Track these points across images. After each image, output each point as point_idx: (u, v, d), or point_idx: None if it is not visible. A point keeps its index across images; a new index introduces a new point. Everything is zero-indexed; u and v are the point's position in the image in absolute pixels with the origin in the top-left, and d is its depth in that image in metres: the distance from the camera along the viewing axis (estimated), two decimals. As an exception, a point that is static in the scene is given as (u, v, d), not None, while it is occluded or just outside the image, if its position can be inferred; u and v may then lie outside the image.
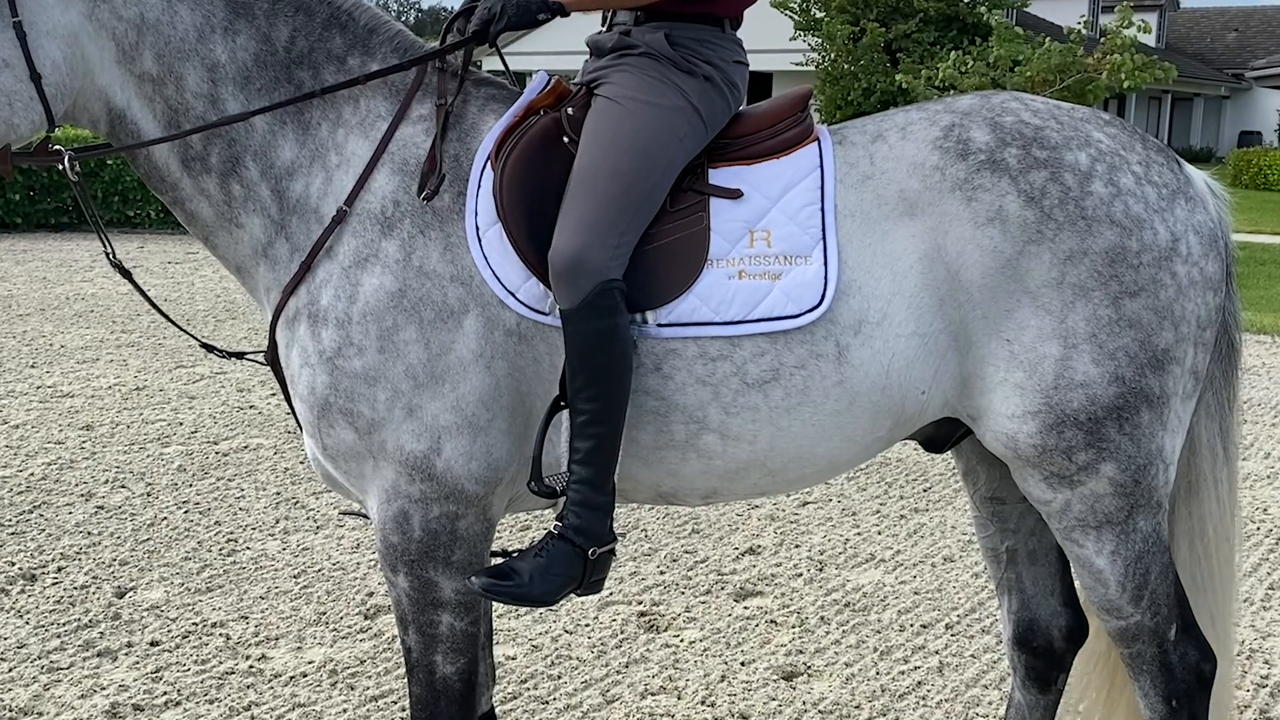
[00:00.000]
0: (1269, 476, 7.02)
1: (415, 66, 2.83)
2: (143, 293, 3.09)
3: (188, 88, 2.79)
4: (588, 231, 2.63)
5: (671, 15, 2.82)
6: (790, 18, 19.57)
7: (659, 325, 2.68)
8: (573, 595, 2.75)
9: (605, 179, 2.68)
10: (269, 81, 2.81)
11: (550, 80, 2.88)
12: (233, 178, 2.82)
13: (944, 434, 2.98)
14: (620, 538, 2.70)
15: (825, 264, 2.67)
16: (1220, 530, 2.97)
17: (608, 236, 2.62)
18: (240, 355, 3.23)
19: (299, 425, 2.85)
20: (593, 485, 2.65)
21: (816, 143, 2.80)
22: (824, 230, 2.69)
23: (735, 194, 2.74)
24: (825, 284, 2.66)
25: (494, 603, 2.93)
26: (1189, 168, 2.85)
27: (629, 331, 2.63)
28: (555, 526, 2.69)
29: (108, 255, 3.04)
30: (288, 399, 2.85)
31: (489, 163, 2.73)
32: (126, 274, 3.00)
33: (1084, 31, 17.70)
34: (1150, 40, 36.69)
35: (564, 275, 2.59)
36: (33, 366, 9.10)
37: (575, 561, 2.66)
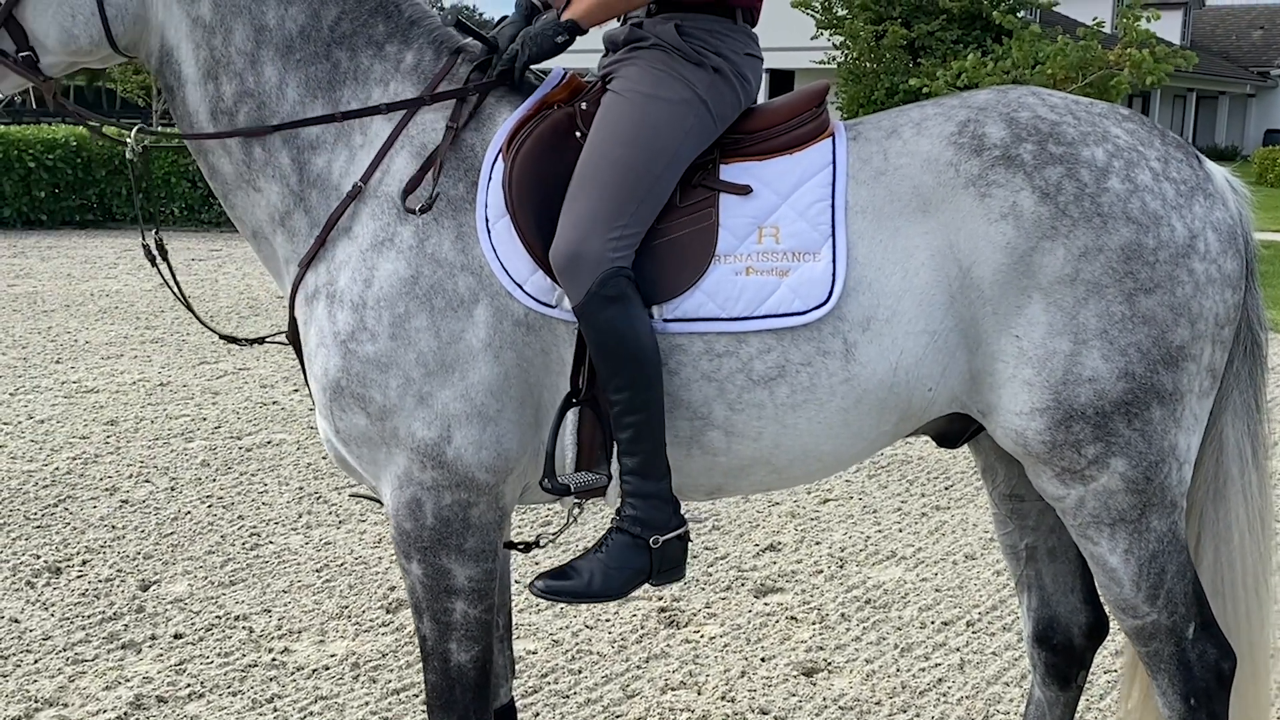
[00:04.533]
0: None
1: (435, 101, 2.83)
2: (173, 274, 3.08)
3: (233, 42, 2.82)
4: (586, 225, 2.64)
5: (683, 5, 2.83)
6: (812, 16, 19.55)
7: (665, 320, 2.68)
8: (648, 586, 2.77)
9: (606, 172, 2.69)
10: (308, 55, 2.84)
11: (566, 75, 2.89)
12: (255, 140, 2.84)
13: (956, 429, 2.98)
14: (693, 523, 2.70)
15: (834, 261, 2.66)
16: (1249, 532, 2.95)
17: (608, 229, 2.63)
18: (261, 340, 3.26)
19: (316, 408, 2.87)
20: (641, 475, 2.65)
21: (831, 139, 2.79)
22: (834, 227, 2.68)
23: (745, 190, 2.74)
24: (833, 281, 2.65)
25: (512, 596, 2.93)
26: (1209, 164, 2.83)
27: (644, 318, 2.63)
28: (614, 520, 2.71)
29: (145, 245, 3.07)
30: (306, 378, 2.87)
31: (500, 154, 2.74)
32: (162, 254, 3.00)
33: (1102, 29, 17.67)
34: (1175, 38, 36.55)
35: (565, 271, 2.62)
36: (58, 362, 9.16)
37: (638, 553, 2.67)
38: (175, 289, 3.10)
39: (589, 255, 2.60)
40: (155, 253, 2.97)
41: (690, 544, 2.75)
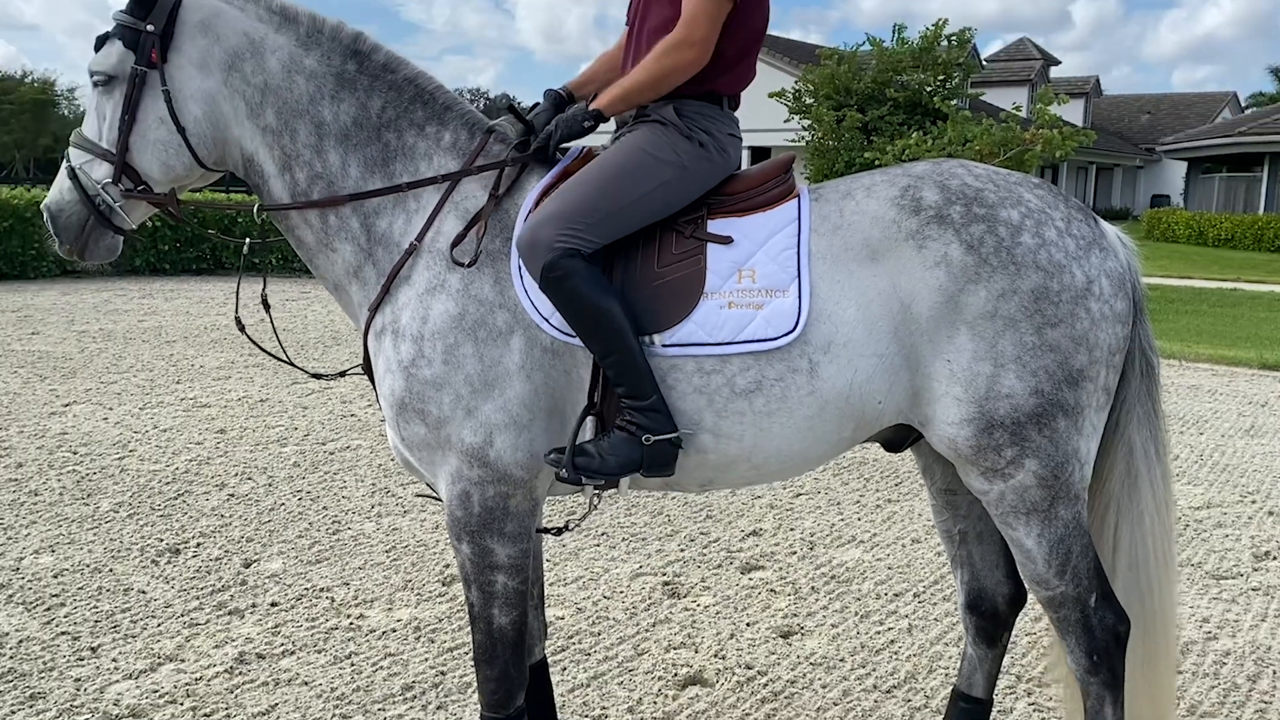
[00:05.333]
0: (1178, 474, 6.96)
1: (466, 176, 2.85)
2: (273, 326, 3.12)
3: (299, 139, 2.84)
4: (545, 218, 2.65)
5: (681, 94, 2.82)
6: (784, 104, 19.59)
7: (664, 346, 2.68)
8: (639, 476, 2.72)
9: (579, 188, 2.71)
10: (363, 140, 2.85)
11: (583, 150, 2.90)
12: (330, 212, 2.86)
13: (900, 437, 2.96)
14: (683, 434, 2.66)
15: (800, 297, 2.66)
16: (1156, 516, 2.92)
17: (562, 225, 2.63)
18: (342, 374, 3.26)
19: (386, 421, 2.86)
20: (632, 394, 2.63)
21: (797, 199, 2.79)
22: (799, 270, 2.68)
23: (727, 240, 2.74)
24: (800, 313, 2.65)
25: (544, 572, 2.91)
26: (1104, 223, 2.83)
27: (598, 286, 2.61)
28: (617, 421, 2.69)
29: (236, 318, 3.12)
30: (377, 397, 2.87)
31: (530, 215, 2.74)
32: (266, 307, 3.05)
33: (1020, 112, 17.79)
34: (1079, 120, 36.55)
35: (524, 253, 2.65)
36: (178, 383, 9.18)
37: (633, 446, 2.64)
38: (275, 349, 3.16)
39: (541, 242, 2.61)
40: (263, 308, 3.00)
41: (681, 450, 2.70)
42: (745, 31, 2.82)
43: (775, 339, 2.65)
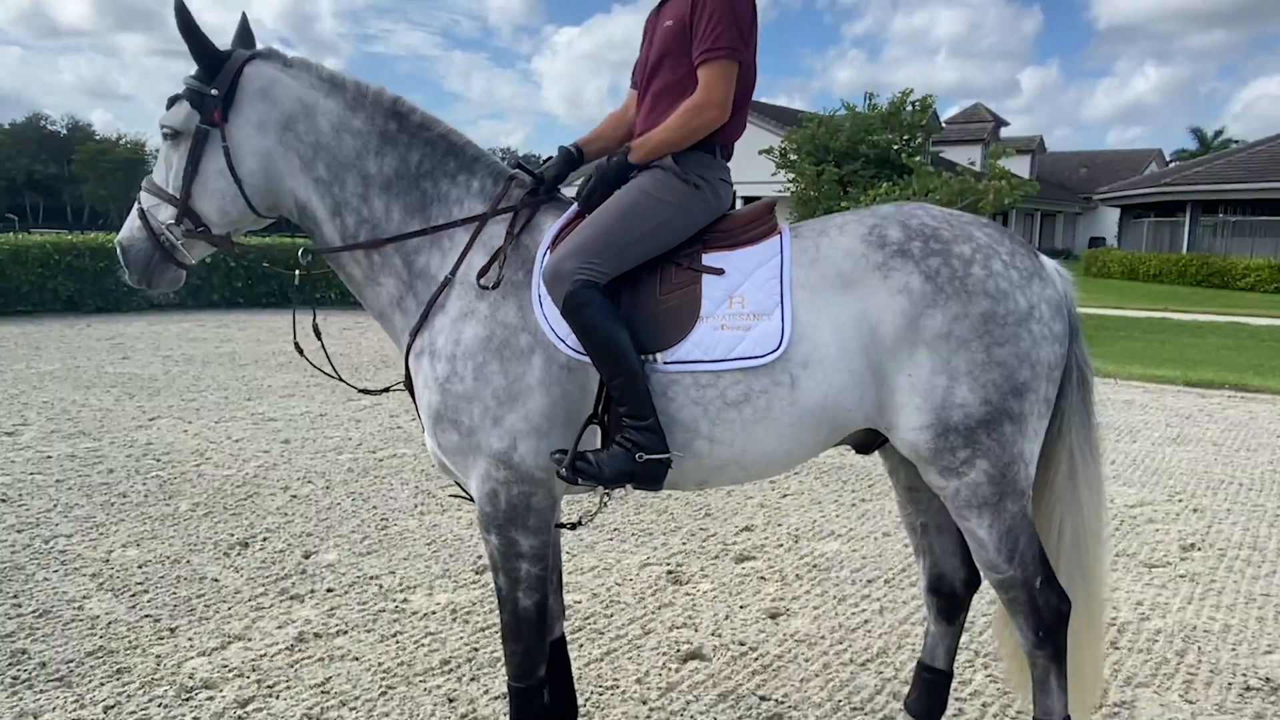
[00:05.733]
0: (1114, 477, 6.92)
1: (490, 217, 2.84)
2: (325, 352, 3.12)
3: (347, 189, 2.84)
4: (568, 252, 2.65)
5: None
6: (772, 161, 19.61)
7: (665, 363, 2.67)
8: (630, 489, 2.72)
9: (594, 226, 2.71)
10: (403, 188, 2.85)
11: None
12: (375, 251, 2.86)
13: (869, 441, 2.95)
14: (673, 456, 2.65)
15: (783, 320, 2.65)
16: (1092, 509, 2.91)
17: (582, 258, 2.63)
18: (387, 390, 3.27)
19: (425, 430, 2.86)
20: (632, 414, 2.63)
21: (779, 236, 2.79)
22: (782, 297, 2.67)
23: (720, 271, 2.73)
24: (782, 334, 2.64)
25: (563, 561, 2.89)
26: (1044, 257, 2.82)
27: (610, 316, 2.61)
28: (619, 437, 2.67)
29: (295, 343, 3.13)
30: (417, 410, 2.86)
31: (548, 251, 2.75)
32: (317, 335, 3.01)
33: (974, 166, 17.92)
34: (1025, 173, 36.55)
35: (548, 281, 2.64)
36: (249, 400, 9.19)
37: (627, 460, 2.63)
38: (329, 368, 3.17)
39: (564, 272, 2.61)
40: (314, 337, 2.99)
41: (680, 455, 2.69)
42: (738, 90, 2.83)
43: (761, 357, 2.65)
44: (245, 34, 2.92)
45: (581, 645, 4.07)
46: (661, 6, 2.93)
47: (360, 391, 3.24)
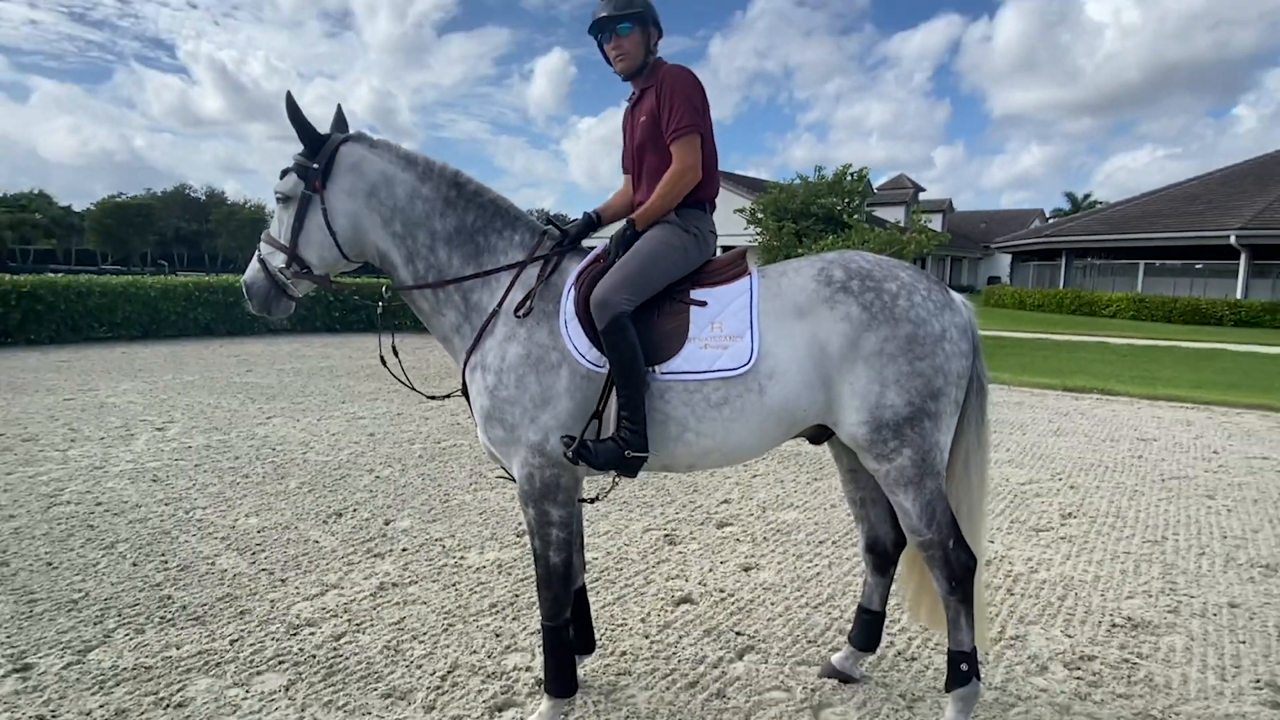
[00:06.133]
0: (1009, 461, 6.86)
1: (531, 262, 2.83)
2: (402, 368, 3.12)
3: (419, 241, 2.83)
4: (611, 287, 2.66)
5: (680, 203, 2.86)
6: (744, 218, 19.64)
7: (662, 373, 2.66)
8: (614, 475, 2.72)
9: (626, 268, 2.71)
10: (461, 241, 2.84)
11: (604, 246, 2.90)
12: (440, 290, 2.85)
13: (819, 434, 2.94)
14: (647, 456, 2.65)
15: (752, 341, 2.65)
16: (981, 488, 2.90)
17: (621, 292, 2.64)
18: (449, 396, 3.26)
19: (477, 426, 2.86)
20: (628, 418, 2.62)
21: (750, 276, 2.79)
22: (751, 323, 2.67)
23: (703, 303, 2.73)
24: (752, 352, 2.64)
25: (584, 527, 2.87)
26: (953, 292, 2.82)
27: (634, 340, 2.62)
28: (613, 433, 2.66)
29: (380, 356, 3.12)
30: (472, 412, 2.87)
31: (572, 287, 2.75)
32: (395, 354, 3.04)
33: (900, 224, 17.97)
34: (939, 227, 36.56)
35: (596, 309, 2.64)
36: (343, 402, 9.17)
37: (616, 454, 2.63)
38: (404, 378, 3.16)
39: (611, 302, 2.62)
40: (392, 354, 2.99)
41: (662, 456, 2.70)
42: (706, 155, 2.85)
43: (736, 369, 2.64)
44: (340, 121, 2.93)
45: (598, 592, 4.04)
46: (635, 105, 2.96)
47: (428, 397, 3.24)
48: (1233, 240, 25.62)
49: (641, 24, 2.88)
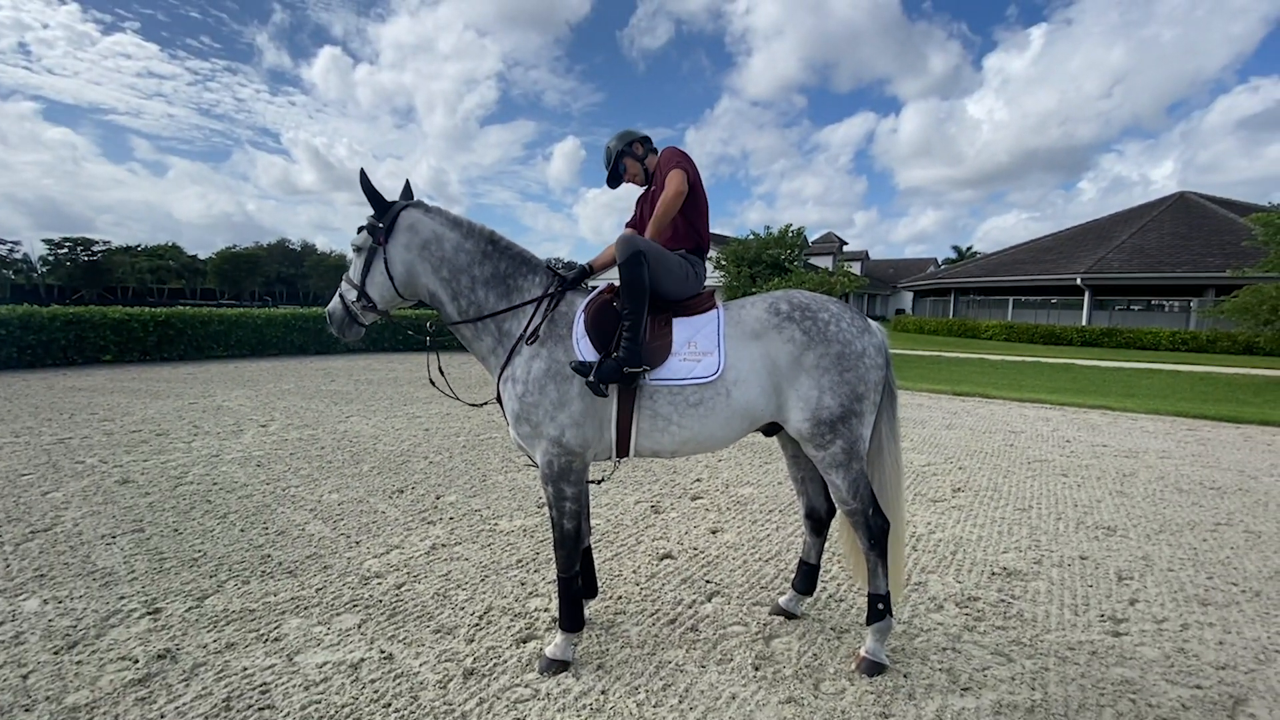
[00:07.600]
0: (912, 448, 6.86)
1: (546, 298, 2.82)
2: (447, 383, 3.13)
3: (462, 284, 2.81)
4: (644, 241, 2.67)
5: (684, 248, 2.87)
6: (712, 265, 19.73)
7: (652, 379, 2.65)
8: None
9: (652, 245, 2.72)
10: (495, 283, 2.82)
11: (607, 284, 2.90)
12: (478, 321, 2.83)
13: (772, 429, 2.93)
14: (644, 370, 2.56)
15: (720, 356, 2.65)
16: (895, 468, 2.90)
17: (644, 245, 2.66)
18: (486, 403, 3.23)
19: (509, 424, 2.84)
20: (629, 339, 2.58)
21: (717, 308, 2.79)
22: (719, 343, 2.68)
23: (682, 327, 2.74)
24: (719, 364, 2.64)
25: (591, 500, 2.84)
26: (871, 320, 2.83)
27: (643, 272, 2.58)
28: (614, 352, 2.59)
29: (429, 373, 3.10)
30: (504, 414, 2.84)
31: (581, 313, 2.74)
32: (441, 373, 3.06)
33: (829, 270, 18.18)
34: (858, 271, 36.79)
35: (622, 245, 2.64)
36: (405, 405, 9.07)
37: (616, 371, 2.58)
38: (449, 391, 3.14)
39: (633, 242, 2.64)
40: (439, 373, 2.98)
41: (641, 377, 2.62)
42: (695, 207, 2.85)
43: (708, 377, 2.65)
44: (408, 191, 2.93)
45: (600, 551, 4.00)
46: (645, 194, 2.99)
47: (470, 404, 3.21)
48: (1078, 281, 26.02)
49: (625, 157, 2.93)
